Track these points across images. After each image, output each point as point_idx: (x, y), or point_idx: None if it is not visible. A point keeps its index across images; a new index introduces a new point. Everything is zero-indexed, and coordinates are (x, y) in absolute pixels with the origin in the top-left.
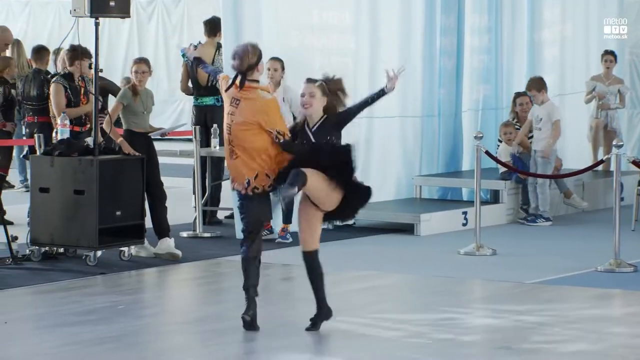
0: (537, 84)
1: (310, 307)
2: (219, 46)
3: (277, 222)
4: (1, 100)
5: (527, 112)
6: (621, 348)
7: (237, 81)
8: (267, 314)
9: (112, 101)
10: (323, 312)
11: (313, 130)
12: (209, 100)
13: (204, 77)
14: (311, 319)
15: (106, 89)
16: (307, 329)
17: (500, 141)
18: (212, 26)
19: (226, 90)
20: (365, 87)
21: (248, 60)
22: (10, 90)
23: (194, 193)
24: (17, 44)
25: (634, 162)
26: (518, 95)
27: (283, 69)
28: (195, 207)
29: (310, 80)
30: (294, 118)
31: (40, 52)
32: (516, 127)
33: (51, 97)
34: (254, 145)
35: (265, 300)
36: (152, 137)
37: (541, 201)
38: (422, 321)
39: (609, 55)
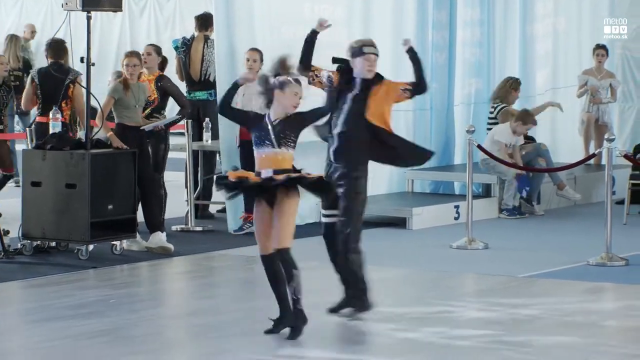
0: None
1: None
2: (206, 38)
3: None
4: None
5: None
6: (612, 341)
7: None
8: (256, 308)
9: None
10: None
11: (274, 123)
12: (201, 95)
13: (197, 71)
14: (274, 321)
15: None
16: (266, 332)
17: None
18: (203, 21)
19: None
20: None
21: None
22: None
23: (186, 187)
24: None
25: (626, 156)
26: None
27: (262, 60)
28: (187, 201)
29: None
30: None
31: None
32: None
33: (77, 96)
34: None
35: (253, 295)
36: (146, 130)
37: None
38: (415, 315)
39: (601, 49)
